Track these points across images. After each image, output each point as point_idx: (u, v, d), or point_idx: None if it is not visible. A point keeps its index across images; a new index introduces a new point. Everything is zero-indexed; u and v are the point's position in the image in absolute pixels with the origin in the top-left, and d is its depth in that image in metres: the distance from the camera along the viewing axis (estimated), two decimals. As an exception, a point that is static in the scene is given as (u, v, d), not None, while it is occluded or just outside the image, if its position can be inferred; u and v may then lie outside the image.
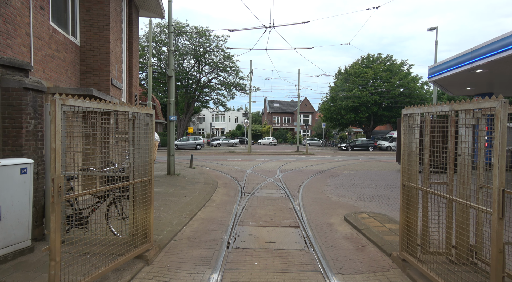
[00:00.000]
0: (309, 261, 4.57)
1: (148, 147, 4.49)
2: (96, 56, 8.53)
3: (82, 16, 8.36)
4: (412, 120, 4.22)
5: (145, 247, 4.43)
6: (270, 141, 51.71)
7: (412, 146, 4.23)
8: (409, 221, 4.25)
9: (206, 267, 4.32)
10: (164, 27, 35.74)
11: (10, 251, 3.95)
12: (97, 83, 8.58)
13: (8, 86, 4.29)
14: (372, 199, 8.95)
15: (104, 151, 4.77)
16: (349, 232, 5.98)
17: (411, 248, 4.23)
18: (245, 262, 4.50)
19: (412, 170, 4.23)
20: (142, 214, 4.42)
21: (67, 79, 7.64)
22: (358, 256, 4.80)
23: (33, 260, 4.09)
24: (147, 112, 4.45)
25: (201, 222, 6.49)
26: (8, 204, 3.89)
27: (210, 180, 12.04)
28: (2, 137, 4.33)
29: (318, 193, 9.82)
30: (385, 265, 4.44)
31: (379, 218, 6.64)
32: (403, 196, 4.31)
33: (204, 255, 4.73)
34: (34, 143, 4.58)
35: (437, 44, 21.59)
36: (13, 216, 3.97)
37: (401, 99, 38.52)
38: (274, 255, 4.79)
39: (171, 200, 8.20)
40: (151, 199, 4.54)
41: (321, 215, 7.17)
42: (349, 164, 20.14)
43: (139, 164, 4.36)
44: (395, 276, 4.10)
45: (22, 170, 4.07)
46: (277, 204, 8.27)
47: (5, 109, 4.31)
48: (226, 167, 17.47)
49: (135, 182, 4.30)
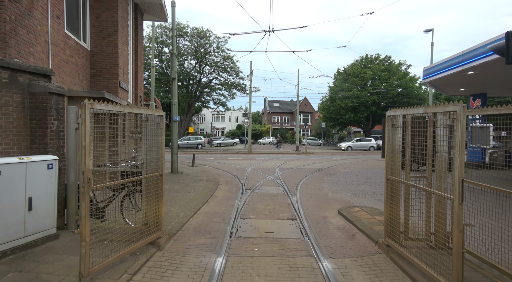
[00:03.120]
0: (304, 248, 5.09)
1: (159, 145, 5.01)
2: (105, 60, 9.05)
3: (92, 22, 8.88)
4: (395, 121, 4.73)
5: (157, 234, 4.95)
6: (270, 140, 52.19)
7: (395, 143, 4.74)
8: (392, 210, 4.76)
9: (212, 252, 4.84)
10: (165, 29, 36.28)
11: (39, 237, 4.47)
12: (106, 85, 9.09)
13: (35, 91, 4.80)
14: (366, 195, 9.46)
15: (119, 149, 5.28)
16: (342, 223, 6.50)
17: (395, 235, 4.74)
18: (247, 249, 5.02)
19: (395, 165, 4.75)
20: (154, 205, 4.94)
21: (79, 82, 8.16)
22: (348, 243, 5.32)
23: (59, 245, 4.61)
24: (158, 114, 4.97)
25: (206, 215, 7.01)
26: (38, 196, 4.42)
27: (212, 177, 12.56)
28: (30, 136, 4.85)
29: (315, 190, 10.34)
30: (371, 250, 4.96)
31: (370, 211, 7.16)
32: (387, 188, 4.83)
33: (209, 243, 5.25)
34: (57, 142, 5.10)
35: (433, 46, 22.09)
36: (42, 206, 4.49)
37: (399, 99, 39.02)
38: (273, 243, 5.31)
39: (177, 196, 8.71)
40: (162, 192, 5.06)
41: (317, 209, 7.68)
42: (347, 162, 20.65)
43: (151, 160, 4.88)
44: (379, 259, 4.63)
45: (49, 166, 4.59)
46: (276, 199, 8.79)
47: (32, 112, 4.83)
48: (227, 165, 17.98)
49: (148, 177, 4.82)
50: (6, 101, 4.52)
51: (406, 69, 41.23)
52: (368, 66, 41.61)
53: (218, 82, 42.47)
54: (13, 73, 4.58)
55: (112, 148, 5.00)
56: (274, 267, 4.34)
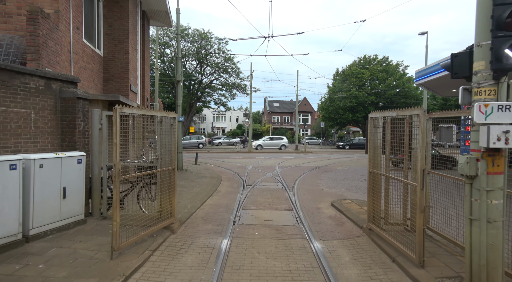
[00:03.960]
0: (298, 232, 5.85)
1: (172, 142, 5.76)
2: (117, 66, 9.81)
3: (105, 31, 9.63)
4: (376, 122, 5.48)
5: (170, 220, 5.71)
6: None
7: (376, 141, 5.49)
8: (374, 199, 5.51)
9: (218, 236, 5.59)
10: (167, 31, 37.01)
11: (71, 221, 5.23)
12: (117, 89, 9.85)
13: (65, 96, 5.56)
14: (358, 190, 10.21)
15: (136, 147, 6.05)
16: (333, 213, 7.26)
17: (376, 220, 5.49)
18: (248, 233, 5.78)
19: (377, 160, 5.50)
20: (167, 195, 5.69)
21: (94, 86, 8.92)
22: (337, 229, 6.08)
23: (88, 228, 5.37)
24: (171, 116, 5.72)
25: (211, 207, 7.77)
26: (70, 186, 5.17)
27: (215, 174, 13.31)
28: (61, 135, 5.60)
29: (312, 185, 11.10)
30: (356, 234, 5.72)
31: (359, 203, 7.91)
32: (369, 180, 5.58)
33: (215, 229, 6.00)
34: (83, 140, 5.85)
35: (427, 48, 22.81)
36: (73, 195, 5.25)
37: (396, 100, 39.78)
38: (271, 228, 6.07)
39: (183, 190, 9.47)
40: (174, 184, 5.81)
41: (312, 202, 8.44)
42: (344, 161, 21.40)
43: (165, 156, 5.63)
44: (362, 240, 5.39)
45: (78, 160, 5.34)
46: (275, 193, 9.55)
47: (63, 114, 5.58)
48: (229, 163, 18.75)
49: (162, 170, 5.57)
50: (43, 106, 5.28)
51: (403, 70, 41.98)
52: (366, 67, 42.35)
53: (219, 83, 43.20)
54: (48, 81, 5.34)
55: (125, 146, 5.76)
56: (272, 247, 5.09)
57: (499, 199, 2.99)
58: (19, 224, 4.39)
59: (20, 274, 3.70)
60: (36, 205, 4.64)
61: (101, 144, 5.93)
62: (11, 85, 4.78)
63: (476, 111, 2.96)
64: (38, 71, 5.16)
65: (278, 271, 4.22)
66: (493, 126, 2.85)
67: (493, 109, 2.88)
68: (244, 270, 4.23)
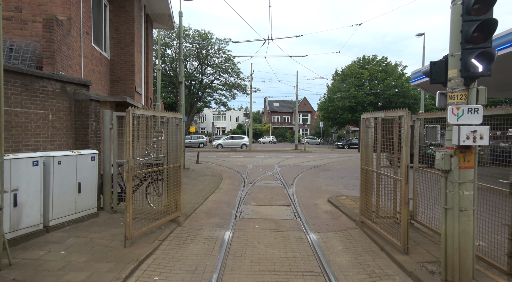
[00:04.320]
0: (296, 225, 6.27)
1: (178, 141, 6.18)
2: (123, 68, 10.22)
3: (111, 34, 10.05)
4: (368, 122, 5.90)
5: (176, 214, 6.13)
6: (270, 139, 53.40)
7: (368, 140, 5.91)
8: (366, 194, 5.93)
9: (221, 228, 6.02)
10: (168, 31, 37.42)
11: (85, 214, 5.66)
12: (123, 90, 10.26)
13: (79, 98, 5.98)
14: (355, 187, 10.63)
15: (141, 146, 6.47)
16: (329, 208, 7.68)
17: (368, 213, 5.91)
18: (249, 226, 6.20)
19: (368, 157, 5.91)
20: (174, 190, 6.11)
21: (101, 88, 9.33)
22: (332, 222, 6.50)
23: (100, 221, 5.79)
24: (177, 117, 6.14)
25: (213, 202, 8.19)
26: (84, 181, 5.60)
27: (216, 173, 13.74)
28: (75, 135, 6.03)
29: (310, 183, 11.52)
30: (350, 226, 6.15)
31: (354, 199, 8.32)
32: (362, 176, 6.00)
33: (218, 222, 6.43)
34: (95, 139, 6.27)
35: (425, 49, 23.24)
36: (87, 190, 5.68)
37: (395, 99, 40.20)
38: (271, 222, 6.49)
39: (187, 188, 9.88)
40: (180, 180, 6.23)
41: (309, 198, 8.86)
42: (343, 160, 21.82)
43: (172, 154, 6.05)
44: (355, 232, 5.81)
45: (92, 158, 5.76)
46: (274, 190, 9.97)
47: (77, 115, 6.01)
48: (229, 162, 19.17)
49: (169, 167, 5.99)
50: (59, 107, 5.70)
51: (402, 70, 42.40)
52: (365, 67, 42.77)
53: (219, 83, 43.63)
54: (63, 85, 5.76)
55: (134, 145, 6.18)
56: (271, 238, 5.52)
57: (469, 190, 3.41)
58: (40, 215, 4.81)
59: (45, 259, 4.12)
60: (55, 198, 5.07)
61: (112, 142, 6.35)
62: (32, 88, 5.20)
63: (450, 113, 3.38)
64: (55, 75, 5.58)
65: (276, 258, 4.64)
66: (463, 126, 3.27)
67: (463, 112, 3.30)
68: (245, 257, 4.65)
